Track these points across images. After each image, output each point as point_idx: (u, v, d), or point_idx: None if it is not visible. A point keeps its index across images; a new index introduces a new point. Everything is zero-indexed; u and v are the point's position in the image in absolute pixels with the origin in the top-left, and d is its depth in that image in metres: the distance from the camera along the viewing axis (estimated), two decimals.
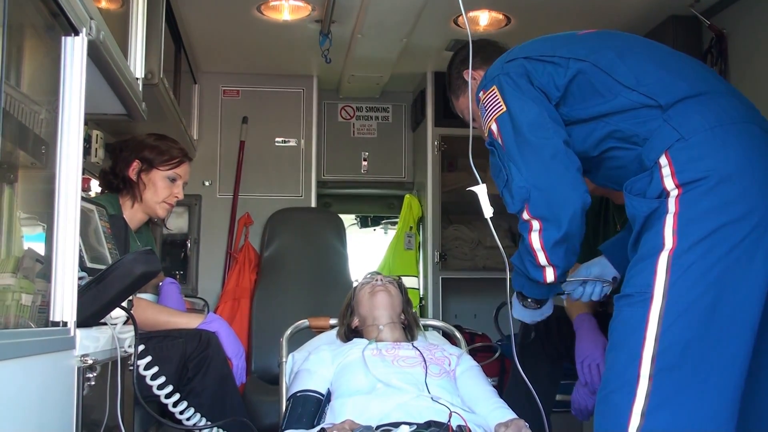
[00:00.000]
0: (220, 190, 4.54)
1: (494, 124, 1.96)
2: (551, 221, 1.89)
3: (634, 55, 1.95)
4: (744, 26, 3.30)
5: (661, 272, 1.75)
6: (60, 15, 1.51)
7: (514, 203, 1.92)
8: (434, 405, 2.08)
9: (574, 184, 1.89)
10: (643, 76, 1.89)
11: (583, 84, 1.93)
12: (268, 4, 3.55)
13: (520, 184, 1.89)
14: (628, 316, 1.81)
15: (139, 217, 2.75)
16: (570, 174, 1.90)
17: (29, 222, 1.53)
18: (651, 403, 1.73)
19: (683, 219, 1.75)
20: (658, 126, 1.83)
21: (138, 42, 2.48)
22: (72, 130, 1.51)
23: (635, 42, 2.07)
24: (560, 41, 2.05)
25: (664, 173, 1.79)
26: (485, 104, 2.00)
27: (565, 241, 1.91)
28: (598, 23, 3.69)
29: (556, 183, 1.89)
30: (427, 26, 3.70)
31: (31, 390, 1.30)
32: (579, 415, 2.55)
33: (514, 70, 1.98)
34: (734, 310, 1.73)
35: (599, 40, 2.03)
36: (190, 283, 4.41)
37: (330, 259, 4.35)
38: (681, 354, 1.73)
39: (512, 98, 1.94)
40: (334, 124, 4.96)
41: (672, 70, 1.93)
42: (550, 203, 1.88)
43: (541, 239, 1.91)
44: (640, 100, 1.86)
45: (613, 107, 1.89)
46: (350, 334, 2.55)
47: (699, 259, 1.73)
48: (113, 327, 1.71)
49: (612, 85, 1.89)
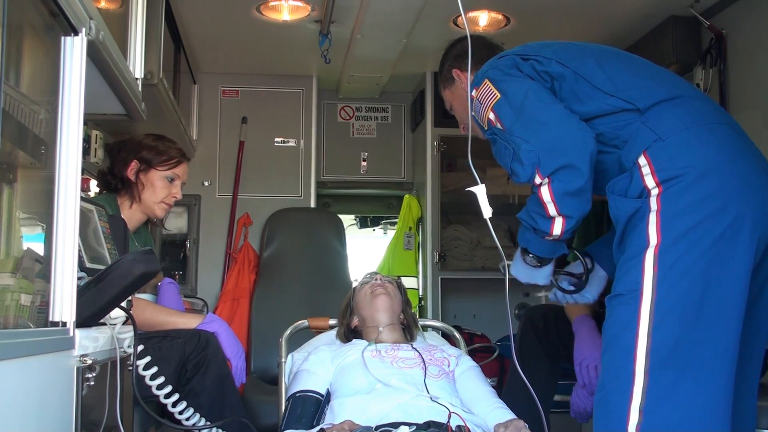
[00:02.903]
0: (220, 190, 4.54)
1: (491, 113, 2.00)
2: (570, 169, 1.87)
3: (612, 64, 2.03)
4: (743, 27, 3.30)
5: (649, 269, 1.80)
6: (59, 15, 1.51)
7: (525, 169, 1.91)
8: (433, 405, 2.08)
9: (582, 128, 1.91)
10: (621, 83, 1.96)
11: (564, 89, 1.99)
12: (267, 5, 3.55)
13: (528, 148, 1.90)
14: (620, 315, 1.85)
15: (138, 217, 2.75)
16: (575, 122, 1.91)
17: (29, 222, 1.52)
18: (648, 399, 1.76)
19: (666, 215, 1.80)
20: (636, 128, 1.89)
21: (137, 42, 2.48)
22: (71, 130, 1.51)
23: (611, 52, 2.15)
24: (545, 45, 2.12)
25: (644, 172, 1.85)
26: (480, 99, 2.05)
27: (582, 192, 1.89)
28: (597, 24, 3.70)
29: (565, 135, 1.90)
30: (427, 27, 3.70)
31: (31, 390, 1.30)
32: (578, 417, 2.55)
33: (504, 63, 2.05)
34: (721, 302, 1.79)
35: (580, 50, 2.10)
36: (190, 283, 4.41)
37: (329, 259, 4.36)
38: (674, 348, 1.77)
39: (506, 84, 2.00)
40: (334, 124, 4.96)
41: (648, 77, 2.02)
42: (560, 153, 1.87)
43: (551, 190, 1.89)
44: (618, 104, 1.93)
45: (593, 111, 1.94)
46: (350, 335, 2.55)
47: (684, 253, 1.79)
48: (112, 327, 1.71)
49: (591, 92, 1.96)
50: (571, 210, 1.91)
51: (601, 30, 3.79)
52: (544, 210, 1.92)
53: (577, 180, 1.87)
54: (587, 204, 1.93)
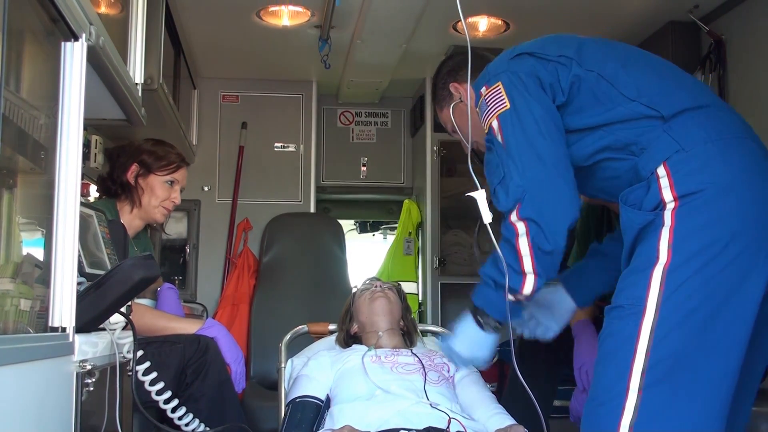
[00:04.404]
0: (219, 195, 4.54)
1: (495, 121, 1.90)
2: (542, 229, 1.82)
3: (637, 67, 1.93)
4: (742, 32, 3.30)
5: (655, 286, 1.73)
6: (60, 20, 1.51)
7: (508, 201, 1.86)
8: (433, 411, 2.08)
9: (572, 199, 1.85)
10: (645, 87, 1.86)
11: (584, 92, 1.89)
12: (267, 10, 3.55)
13: (518, 182, 1.83)
14: (619, 329, 1.78)
15: (137, 222, 2.75)
16: (570, 188, 1.85)
17: (28, 227, 1.52)
18: (640, 417, 1.71)
19: (679, 233, 1.73)
20: (658, 136, 1.80)
21: (137, 47, 2.48)
22: (71, 136, 1.51)
23: (637, 54, 2.04)
24: (565, 42, 1.99)
25: (662, 184, 1.76)
26: (487, 100, 1.93)
27: (552, 254, 1.85)
28: (597, 29, 3.70)
29: (555, 193, 1.84)
30: (426, 32, 3.70)
31: (30, 396, 1.30)
32: (578, 422, 2.53)
33: (522, 68, 1.91)
34: (727, 326, 1.71)
35: (603, 49, 1.99)
36: (189, 288, 4.41)
37: (329, 264, 4.35)
38: (672, 368, 1.71)
39: (519, 97, 1.88)
40: (334, 129, 4.97)
41: (673, 82, 1.91)
42: (543, 210, 1.83)
43: (530, 244, 1.83)
44: (641, 110, 1.83)
45: (614, 117, 1.85)
46: (349, 340, 2.55)
47: (694, 274, 1.71)
48: (112, 332, 1.71)
49: (614, 96, 1.86)
50: (546, 269, 1.86)
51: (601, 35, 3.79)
52: (519, 264, 1.86)
53: (546, 245, 1.83)
54: (558, 265, 1.88)
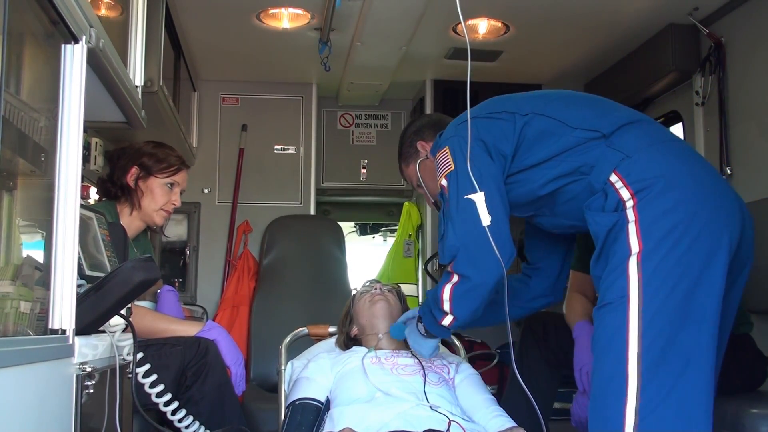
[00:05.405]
0: (220, 197, 4.54)
1: (444, 180, 2.11)
2: (471, 284, 2.04)
3: (575, 102, 2.19)
4: (742, 34, 3.31)
5: (633, 275, 1.87)
6: (60, 23, 1.51)
7: (445, 255, 2.09)
8: (433, 414, 2.08)
9: (497, 262, 2.00)
10: (584, 116, 2.10)
11: (532, 132, 2.09)
12: (267, 12, 3.55)
13: (452, 242, 2.05)
14: (609, 322, 1.90)
15: (137, 224, 2.75)
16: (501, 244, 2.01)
17: (28, 229, 1.52)
18: (643, 400, 1.81)
19: (644, 224, 1.89)
20: (602, 152, 2.01)
21: (137, 50, 2.48)
22: (71, 138, 1.51)
23: (573, 94, 2.28)
24: (506, 100, 2.22)
25: (617, 186, 1.95)
26: (439, 162, 2.15)
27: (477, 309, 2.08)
28: (596, 31, 3.71)
29: (483, 254, 2.01)
30: (427, 34, 3.70)
31: (30, 398, 1.30)
32: (579, 426, 2.54)
33: (466, 132, 2.09)
34: (705, 300, 1.86)
35: (543, 96, 2.26)
36: (189, 290, 4.40)
37: (329, 266, 4.35)
38: (664, 348, 1.83)
39: (461, 159, 2.07)
40: (334, 131, 4.97)
41: (608, 107, 2.17)
42: (472, 269, 2.04)
43: (451, 291, 2.07)
44: (585, 135, 2.05)
45: (562, 147, 2.06)
46: (349, 342, 2.55)
47: (666, 256, 1.86)
48: (112, 335, 1.70)
49: (558, 128, 2.08)
50: (462, 313, 2.09)
51: (600, 38, 3.81)
52: (440, 303, 2.10)
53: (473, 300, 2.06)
54: (480, 314, 2.11)
